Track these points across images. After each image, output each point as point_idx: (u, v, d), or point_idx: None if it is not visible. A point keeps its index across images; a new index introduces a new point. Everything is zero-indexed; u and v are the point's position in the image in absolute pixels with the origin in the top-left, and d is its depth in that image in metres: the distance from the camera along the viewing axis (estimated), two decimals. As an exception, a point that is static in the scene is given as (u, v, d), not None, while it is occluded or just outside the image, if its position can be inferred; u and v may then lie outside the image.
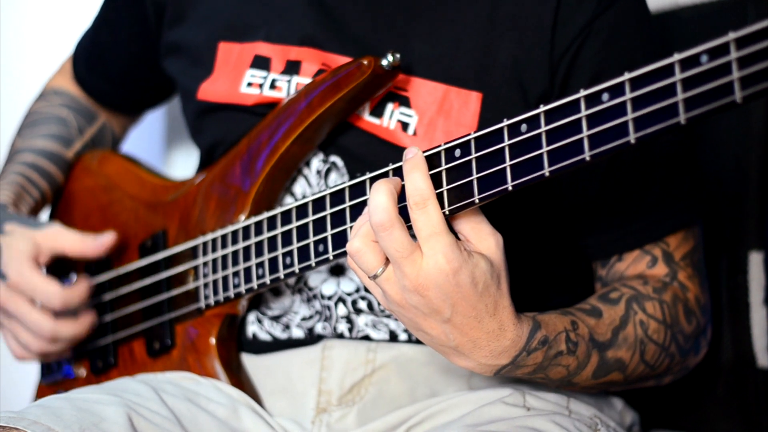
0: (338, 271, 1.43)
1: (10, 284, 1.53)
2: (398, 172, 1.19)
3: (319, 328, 1.44)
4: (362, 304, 1.42)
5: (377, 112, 1.40)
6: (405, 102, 1.39)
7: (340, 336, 1.43)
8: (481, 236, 1.15)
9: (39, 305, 1.53)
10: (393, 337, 1.41)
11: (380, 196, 1.13)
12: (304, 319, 1.45)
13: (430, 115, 1.37)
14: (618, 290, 1.36)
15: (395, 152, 1.24)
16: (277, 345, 1.47)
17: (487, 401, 1.33)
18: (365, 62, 1.33)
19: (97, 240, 1.56)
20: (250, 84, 1.48)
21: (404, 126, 1.38)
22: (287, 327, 1.46)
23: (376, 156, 1.26)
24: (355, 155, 1.41)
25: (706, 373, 1.66)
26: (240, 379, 1.46)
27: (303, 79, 1.44)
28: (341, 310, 1.43)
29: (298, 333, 1.46)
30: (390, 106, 1.39)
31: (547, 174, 1.07)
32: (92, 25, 1.76)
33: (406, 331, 1.41)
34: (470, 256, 1.12)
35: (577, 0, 1.36)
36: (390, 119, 1.39)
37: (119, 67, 1.75)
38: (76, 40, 1.80)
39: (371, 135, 1.40)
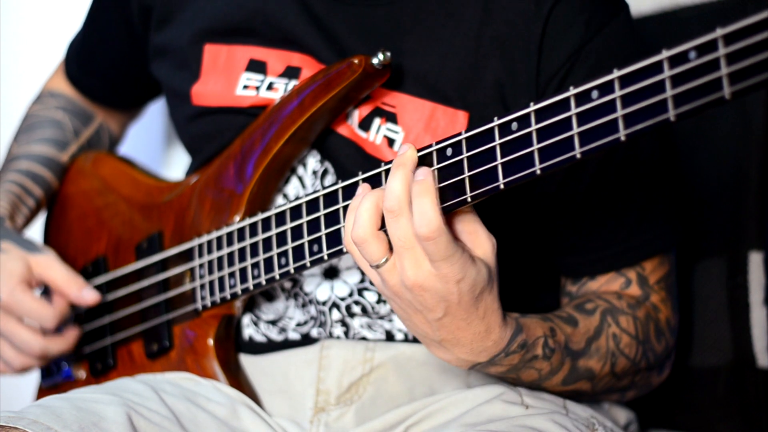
0: (332, 274, 1.43)
1: (1, 304, 1.54)
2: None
3: (314, 333, 1.44)
4: (356, 309, 1.42)
5: (365, 125, 1.40)
6: (392, 118, 1.38)
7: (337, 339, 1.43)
8: (479, 240, 1.15)
9: (26, 324, 1.55)
10: (389, 337, 1.42)
11: (396, 182, 1.12)
12: (299, 324, 1.46)
13: (416, 132, 1.37)
14: (593, 301, 1.36)
15: (377, 167, 1.24)
16: (274, 346, 1.47)
17: (484, 399, 1.33)
18: (356, 61, 1.33)
19: (83, 289, 1.55)
20: (246, 87, 1.47)
21: (390, 142, 1.38)
22: (283, 330, 1.47)
23: (361, 168, 1.26)
24: (343, 165, 1.41)
25: (706, 373, 1.66)
26: (239, 380, 1.46)
27: None
28: (335, 314, 1.42)
29: (294, 336, 1.46)
30: (377, 121, 1.39)
31: (538, 171, 1.07)
32: (83, 24, 1.76)
33: (401, 330, 1.42)
34: (473, 263, 1.12)
35: (564, 26, 1.34)
36: (377, 134, 1.39)
37: (109, 64, 1.74)
38: (69, 40, 1.80)
39: (358, 147, 1.40)
